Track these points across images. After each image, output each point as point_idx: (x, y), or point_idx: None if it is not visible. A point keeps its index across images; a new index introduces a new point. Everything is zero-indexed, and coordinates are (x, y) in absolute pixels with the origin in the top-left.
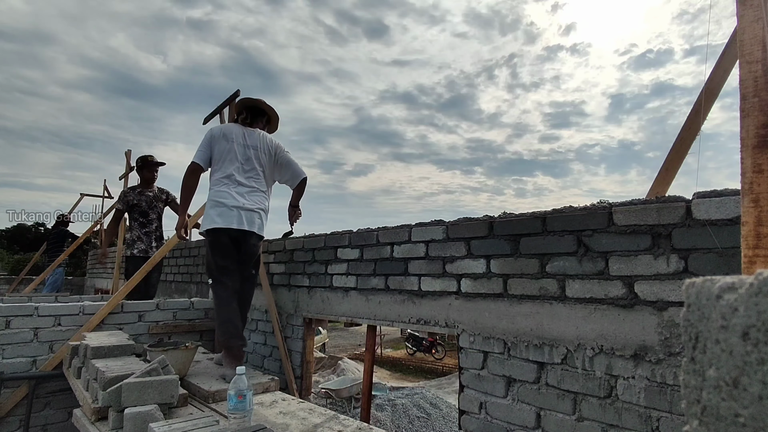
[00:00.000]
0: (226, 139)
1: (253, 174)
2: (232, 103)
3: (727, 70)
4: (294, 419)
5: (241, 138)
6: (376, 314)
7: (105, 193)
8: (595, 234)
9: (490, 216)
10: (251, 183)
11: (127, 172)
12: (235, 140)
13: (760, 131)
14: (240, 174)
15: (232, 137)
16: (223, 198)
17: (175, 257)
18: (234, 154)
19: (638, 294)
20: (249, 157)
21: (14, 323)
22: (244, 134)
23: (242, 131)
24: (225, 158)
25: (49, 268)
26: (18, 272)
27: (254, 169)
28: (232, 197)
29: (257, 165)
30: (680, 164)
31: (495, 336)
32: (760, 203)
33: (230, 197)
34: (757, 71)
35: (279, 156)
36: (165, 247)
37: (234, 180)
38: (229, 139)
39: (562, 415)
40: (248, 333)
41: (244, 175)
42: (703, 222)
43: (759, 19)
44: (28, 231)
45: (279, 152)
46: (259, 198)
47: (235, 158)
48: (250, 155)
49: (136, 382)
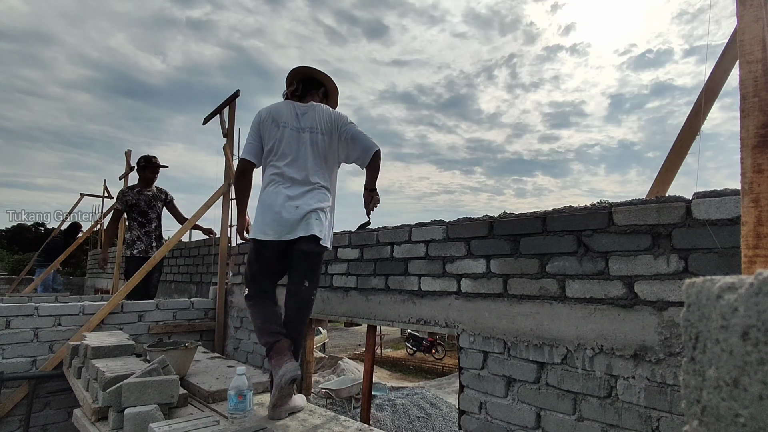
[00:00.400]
0: (276, 123)
1: (310, 165)
2: (232, 103)
3: (727, 70)
4: (294, 420)
5: (293, 120)
6: (376, 314)
7: (105, 193)
8: (595, 234)
9: (490, 216)
10: (307, 177)
11: (127, 172)
12: (286, 124)
13: (760, 131)
14: (293, 167)
15: (283, 120)
16: (271, 200)
17: (175, 257)
18: (286, 143)
19: (638, 294)
20: (304, 142)
21: (14, 323)
22: (297, 114)
23: (294, 110)
24: (275, 149)
25: (49, 268)
26: (18, 272)
27: (311, 159)
28: (281, 199)
29: (314, 152)
30: (680, 164)
31: (495, 336)
32: (760, 203)
33: (279, 199)
34: (757, 71)
35: (343, 131)
36: (165, 247)
37: (286, 177)
38: (279, 124)
39: (562, 415)
40: (248, 333)
41: (298, 168)
42: (703, 222)
43: (759, 19)
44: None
45: (342, 127)
46: (318, 196)
47: (287, 148)
48: (305, 140)
49: (137, 382)
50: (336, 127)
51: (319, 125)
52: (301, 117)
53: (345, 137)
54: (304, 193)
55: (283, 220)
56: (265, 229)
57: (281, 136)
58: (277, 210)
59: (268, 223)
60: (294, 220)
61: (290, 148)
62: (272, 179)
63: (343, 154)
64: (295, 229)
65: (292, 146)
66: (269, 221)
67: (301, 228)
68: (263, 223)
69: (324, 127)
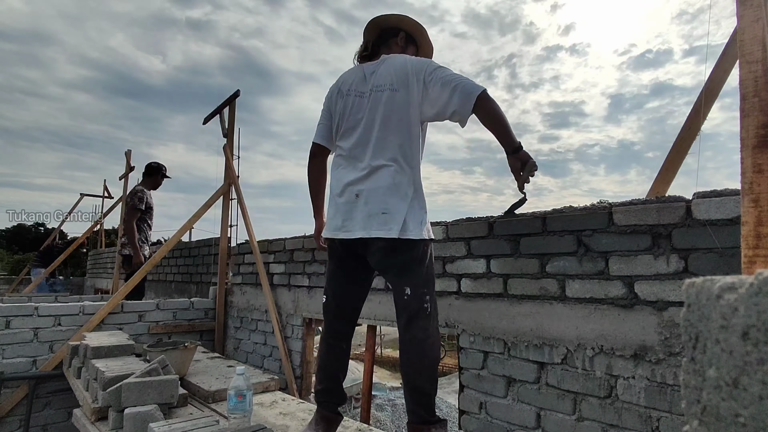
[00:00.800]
0: (341, 94)
1: (375, 136)
2: (232, 104)
3: (727, 70)
4: (294, 420)
5: (358, 83)
6: (376, 314)
7: (105, 193)
8: (595, 234)
9: (490, 216)
10: (371, 153)
11: (127, 172)
12: (350, 92)
13: (760, 131)
14: (353, 142)
15: (348, 88)
16: (333, 188)
17: (175, 257)
18: (349, 114)
19: (638, 294)
20: (368, 108)
21: (14, 323)
22: (365, 75)
23: (361, 73)
24: (340, 124)
25: (47, 270)
26: (18, 272)
27: (376, 128)
28: (339, 186)
29: (382, 118)
30: (680, 164)
31: (495, 336)
32: (760, 203)
33: (338, 186)
34: (757, 71)
35: (428, 79)
36: (165, 247)
37: (346, 157)
38: (344, 93)
39: (562, 415)
40: (248, 333)
41: (359, 142)
42: (703, 222)
43: (759, 19)
44: (28, 231)
45: (424, 74)
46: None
47: (350, 120)
48: (369, 105)
49: (136, 382)
50: (415, 76)
51: (388, 81)
52: (369, 77)
53: (431, 86)
54: (367, 175)
55: (342, 212)
56: (329, 224)
57: (344, 108)
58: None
59: (330, 216)
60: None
61: (353, 119)
62: (335, 163)
63: (430, 110)
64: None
65: (355, 116)
66: (331, 214)
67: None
68: (327, 217)
69: (396, 80)
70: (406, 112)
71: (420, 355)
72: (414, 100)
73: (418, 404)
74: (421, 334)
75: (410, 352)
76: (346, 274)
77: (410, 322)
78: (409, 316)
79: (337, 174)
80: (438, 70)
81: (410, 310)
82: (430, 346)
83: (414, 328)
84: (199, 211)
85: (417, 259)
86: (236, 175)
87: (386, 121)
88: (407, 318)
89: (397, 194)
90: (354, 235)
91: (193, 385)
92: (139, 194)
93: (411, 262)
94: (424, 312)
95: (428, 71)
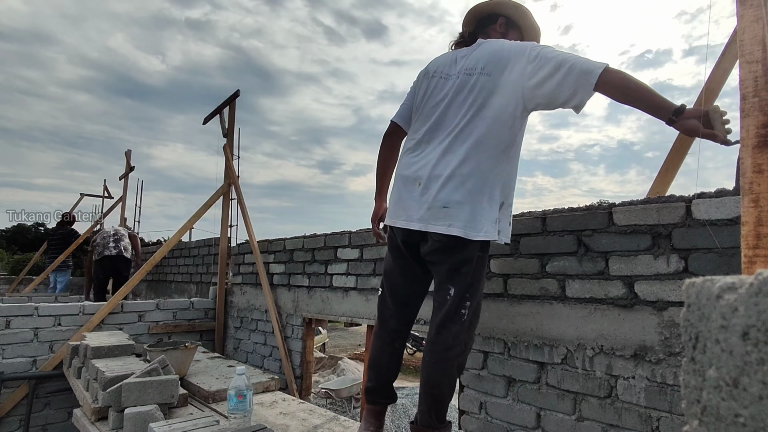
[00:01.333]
0: (427, 75)
1: (453, 121)
2: (232, 104)
3: (727, 70)
4: (294, 420)
5: (447, 67)
6: (376, 314)
7: (105, 193)
8: (595, 234)
9: None
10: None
11: (127, 172)
12: (436, 74)
13: (760, 131)
14: (428, 126)
15: (435, 69)
16: (399, 172)
17: (175, 257)
18: (428, 97)
19: (638, 294)
20: (449, 91)
21: (14, 323)
22: (456, 59)
23: (453, 56)
24: (418, 107)
25: (49, 268)
26: (18, 272)
27: (456, 113)
28: (406, 169)
29: (465, 102)
30: (680, 164)
31: (495, 336)
32: (760, 203)
33: (405, 169)
34: (757, 71)
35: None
36: (165, 247)
37: (418, 141)
38: (430, 75)
39: (562, 415)
40: (248, 333)
41: (433, 126)
42: (703, 222)
43: (759, 19)
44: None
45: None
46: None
47: (428, 103)
48: (451, 88)
49: (136, 382)
50: (515, 60)
51: (480, 64)
52: (459, 60)
53: (538, 70)
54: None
55: (404, 199)
56: (391, 210)
57: (426, 90)
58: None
59: (393, 202)
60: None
61: (432, 102)
62: (405, 147)
63: (537, 98)
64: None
65: (434, 99)
66: (394, 200)
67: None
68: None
69: (490, 64)
70: (497, 98)
71: (444, 362)
72: (509, 87)
73: (432, 409)
74: (451, 341)
75: (435, 357)
76: (403, 268)
77: (443, 326)
78: (443, 319)
79: (405, 158)
80: (544, 50)
81: (447, 312)
82: (456, 355)
83: (445, 333)
84: (199, 211)
85: (469, 260)
86: (236, 175)
87: (469, 107)
88: (441, 320)
89: (463, 187)
90: (412, 226)
91: (194, 385)
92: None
93: (463, 262)
94: (459, 318)
95: (532, 55)
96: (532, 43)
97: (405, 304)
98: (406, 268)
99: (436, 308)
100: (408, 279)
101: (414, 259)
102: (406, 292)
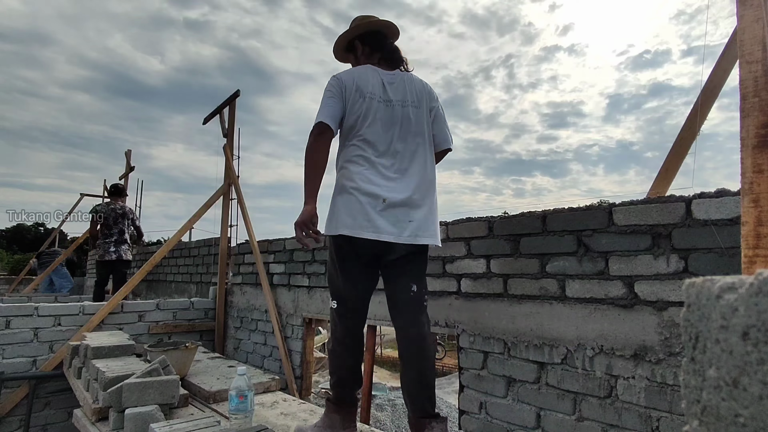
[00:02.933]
0: (361, 94)
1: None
2: (232, 104)
3: (727, 70)
4: (295, 420)
5: (380, 90)
6: (376, 314)
7: (105, 193)
8: (595, 234)
9: (490, 216)
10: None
11: (127, 171)
12: (374, 95)
13: (760, 131)
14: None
15: (370, 90)
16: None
17: (175, 257)
18: (373, 118)
19: (638, 294)
20: (399, 119)
21: (14, 323)
22: (384, 85)
23: (380, 80)
24: (360, 124)
25: (49, 268)
26: (18, 272)
27: (407, 139)
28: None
29: (411, 130)
30: (680, 164)
31: (495, 336)
32: (760, 203)
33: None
34: (757, 71)
35: (434, 108)
36: (165, 247)
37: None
38: (364, 94)
39: (562, 415)
40: (248, 333)
41: (392, 149)
42: (703, 222)
43: (759, 19)
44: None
45: (435, 103)
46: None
47: (375, 125)
48: (398, 116)
49: (137, 383)
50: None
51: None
52: (388, 86)
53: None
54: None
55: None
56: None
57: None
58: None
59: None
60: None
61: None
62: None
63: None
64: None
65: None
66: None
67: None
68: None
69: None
70: (428, 129)
71: (426, 351)
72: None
73: (428, 399)
74: (426, 330)
75: (421, 347)
76: (366, 273)
77: (417, 318)
78: (414, 311)
79: (365, 175)
80: (440, 107)
81: (415, 306)
82: (432, 342)
83: (419, 324)
84: (199, 211)
85: (427, 260)
86: (236, 175)
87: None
88: (413, 313)
89: (435, 207)
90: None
91: (194, 386)
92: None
93: (425, 263)
94: (425, 309)
95: (435, 103)
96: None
97: (364, 306)
98: (368, 272)
99: (402, 304)
100: (370, 283)
101: (373, 265)
102: (366, 295)
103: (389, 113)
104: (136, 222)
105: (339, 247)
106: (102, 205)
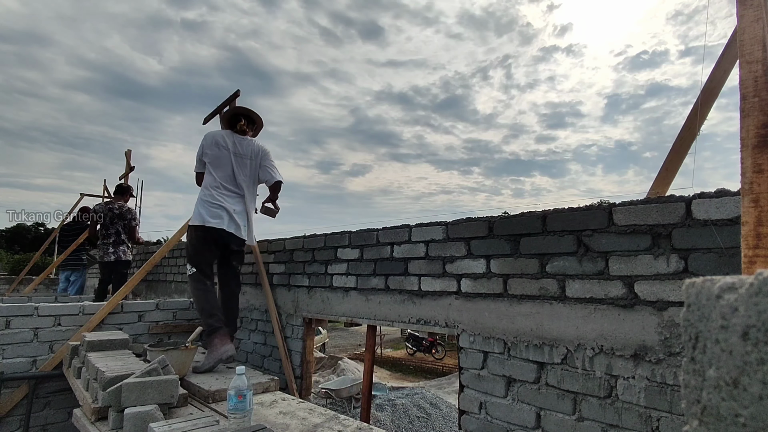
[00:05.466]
0: (218, 146)
1: (243, 181)
2: (232, 103)
3: (727, 71)
4: (294, 419)
5: (231, 146)
6: (376, 314)
7: (105, 193)
8: (595, 234)
9: (490, 216)
10: (238, 190)
11: (127, 171)
12: (227, 147)
13: (760, 131)
14: (229, 181)
15: (223, 143)
16: (214, 200)
17: (175, 257)
18: (224, 162)
19: (638, 294)
20: (239, 164)
21: (14, 323)
22: (235, 143)
23: (232, 138)
24: (217, 164)
25: (51, 266)
26: (18, 272)
27: (244, 177)
28: (221, 200)
29: (245, 172)
30: (680, 164)
31: (495, 336)
32: (760, 203)
33: (220, 199)
34: (757, 71)
35: (264, 163)
36: (165, 247)
37: (224, 186)
38: (220, 145)
39: (562, 415)
40: (248, 333)
41: (231, 180)
42: (704, 222)
43: (759, 19)
44: (28, 231)
45: (264, 161)
46: (247, 205)
47: (226, 167)
48: (240, 163)
49: (136, 382)
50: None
51: (249, 153)
52: (237, 143)
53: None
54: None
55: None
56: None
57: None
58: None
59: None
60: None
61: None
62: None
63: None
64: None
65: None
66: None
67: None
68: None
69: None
70: (256, 173)
71: (237, 298)
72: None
73: (234, 320)
74: (238, 289)
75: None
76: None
77: (235, 282)
78: (234, 279)
79: (218, 194)
80: (269, 159)
81: (235, 276)
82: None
83: (235, 285)
84: None
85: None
86: None
87: (250, 175)
88: (234, 279)
89: (249, 216)
90: (230, 230)
91: (193, 385)
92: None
93: (243, 252)
94: (239, 276)
95: (266, 159)
96: (267, 152)
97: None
98: (215, 250)
99: (230, 274)
100: (215, 255)
101: (219, 247)
102: (212, 261)
103: (238, 162)
104: (132, 223)
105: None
106: (100, 205)
